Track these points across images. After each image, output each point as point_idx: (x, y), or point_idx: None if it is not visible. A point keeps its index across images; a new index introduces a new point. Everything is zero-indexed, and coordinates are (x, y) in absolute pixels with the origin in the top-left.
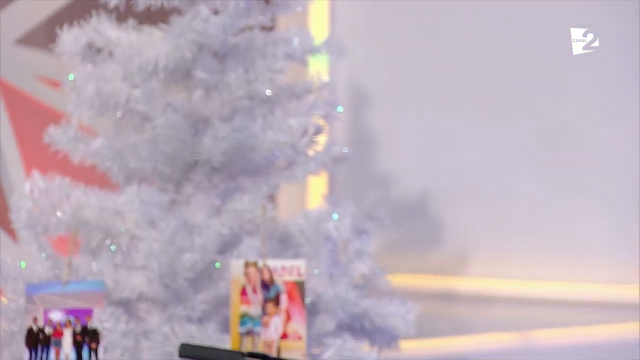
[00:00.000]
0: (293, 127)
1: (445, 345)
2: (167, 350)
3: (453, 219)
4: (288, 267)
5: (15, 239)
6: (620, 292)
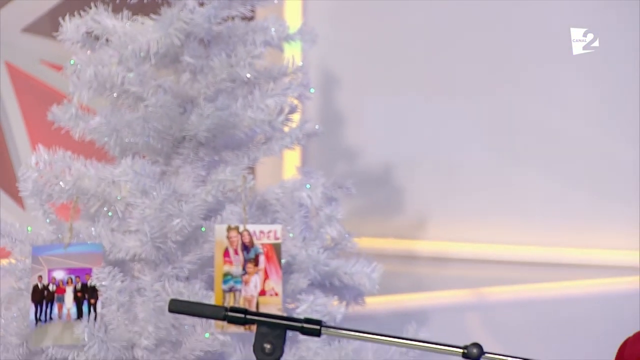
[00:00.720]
0: (270, 106)
1: (405, 300)
2: (158, 305)
3: (412, 188)
4: (266, 231)
5: (23, 206)
6: (560, 253)
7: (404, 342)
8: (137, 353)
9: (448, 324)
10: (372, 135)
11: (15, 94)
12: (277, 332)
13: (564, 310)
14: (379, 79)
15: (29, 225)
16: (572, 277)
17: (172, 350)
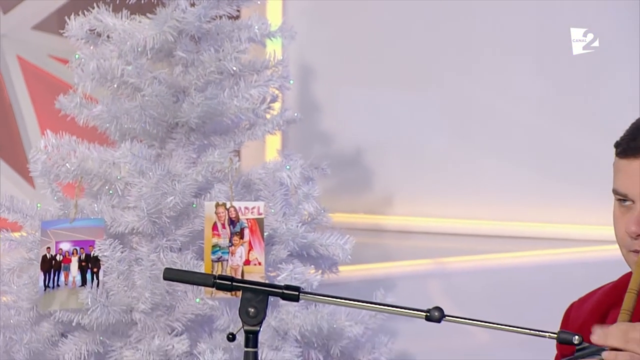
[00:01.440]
0: (254, 96)
1: (374, 269)
2: (154, 274)
3: (380, 169)
4: (250, 208)
5: (33, 185)
6: (512, 227)
7: (373, 306)
8: (135, 316)
9: (412, 290)
10: (345, 122)
11: (26, 85)
12: (260, 298)
13: (516, 278)
14: (351, 72)
15: (38, 202)
16: (523, 248)
17: (167, 314)
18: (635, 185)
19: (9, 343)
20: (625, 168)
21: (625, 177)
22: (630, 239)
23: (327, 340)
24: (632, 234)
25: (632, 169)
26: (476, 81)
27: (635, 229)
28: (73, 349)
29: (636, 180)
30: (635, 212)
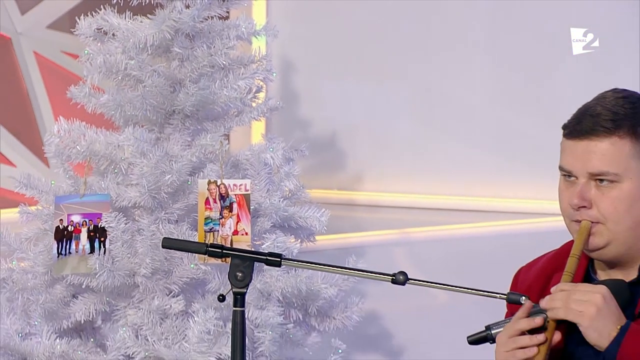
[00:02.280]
0: (241, 86)
1: (347, 238)
2: (154, 242)
3: (353, 151)
4: (238, 185)
5: (48, 165)
6: (470, 201)
7: (346, 270)
8: (137, 279)
9: (380, 257)
10: (321, 109)
11: (41, 77)
12: (247, 263)
13: (472, 246)
14: (327, 66)
15: (52, 179)
16: (477, 220)
17: (165, 278)
18: (578, 163)
19: (27, 303)
20: (570, 148)
21: (570, 156)
22: (572, 210)
23: (306, 301)
24: (574, 205)
25: (576, 149)
26: (437, 73)
27: (577, 202)
28: (83, 308)
29: (579, 159)
30: (578, 187)
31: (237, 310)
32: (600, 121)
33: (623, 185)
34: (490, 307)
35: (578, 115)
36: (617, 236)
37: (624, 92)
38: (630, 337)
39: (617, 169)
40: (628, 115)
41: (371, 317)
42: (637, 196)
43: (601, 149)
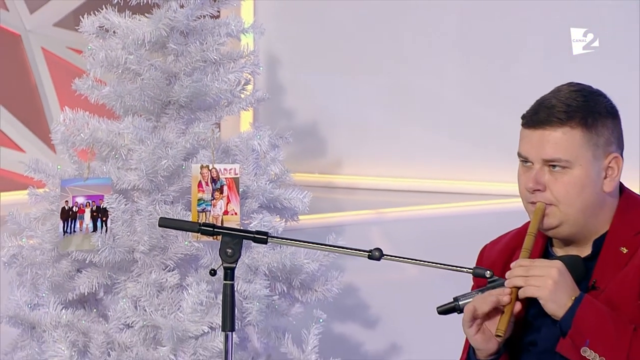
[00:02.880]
0: (231, 79)
1: (327, 218)
2: (151, 222)
3: (333, 138)
4: (228, 169)
5: (54, 151)
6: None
7: (326, 247)
8: (136, 255)
9: (358, 235)
10: (304, 100)
11: (48, 71)
12: (236, 241)
13: (441, 225)
14: (309, 60)
15: (58, 164)
16: (446, 201)
17: (161, 254)
18: (533, 150)
19: (35, 277)
20: (527, 136)
21: (527, 144)
22: (528, 193)
23: (290, 275)
24: (529, 189)
25: (532, 137)
26: (408, 68)
27: (532, 185)
28: (86, 282)
29: (535, 146)
30: (533, 172)
31: (227, 283)
32: (555, 112)
33: (574, 171)
34: (457, 281)
35: (535, 106)
36: (568, 217)
37: (578, 85)
38: (583, 307)
39: (568, 156)
40: (580, 107)
41: (349, 290)
42: (587, 181)
43: (554, 137)
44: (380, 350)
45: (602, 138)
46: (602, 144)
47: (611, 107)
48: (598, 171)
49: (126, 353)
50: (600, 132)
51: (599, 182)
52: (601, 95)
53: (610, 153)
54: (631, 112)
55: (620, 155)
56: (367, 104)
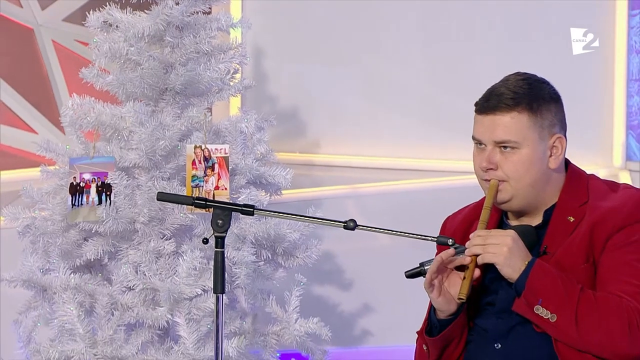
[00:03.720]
0: (221, 69)
1: (307, 192)
2: (150, 196)
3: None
4: (219, 148)
5: (64, 132)
6: (405, 162)
7: (306, 218)
8: (136, 226)
9: (334, 208)
10: (287, 87)
11: (58, 61)
12: (226, 213)
13: (409, 198)
14: (292, 52)
15: (67, 144)
16: (414, 178)
17: (159, 224)
18: (486, 133)
19: (46, 245)
20: (480, 121)
21: (480, 128)
22: (482, 172)
23: (274, 243)
24: (483, 168)
25: (484, 122)
26: (380, 58)
27: (486, 165)
28: (92, 249)
29: (487, 130)
30: (486, 152)
31: (218, 250)
32: (504, 99)
33: (522, 151)
34: (422, 248)
35: (486, 94)
36: (519, 192)
37: (525, 75)
38: (535, 270)
39: (516, 137)
40: (526, 94)
41: (327, 256)
42: (534, 159)
43: (504, 121)
44: (354, 310)
45: (547, 121)
46: (546, 126)
47: (554, 93)
48: (544, 150)
49: (128, 313)
50: (544, 115)
51: (545, 160)
52: (545, 83)
53: (554, 134)
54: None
55: (564, 136)
56: (343, 91)
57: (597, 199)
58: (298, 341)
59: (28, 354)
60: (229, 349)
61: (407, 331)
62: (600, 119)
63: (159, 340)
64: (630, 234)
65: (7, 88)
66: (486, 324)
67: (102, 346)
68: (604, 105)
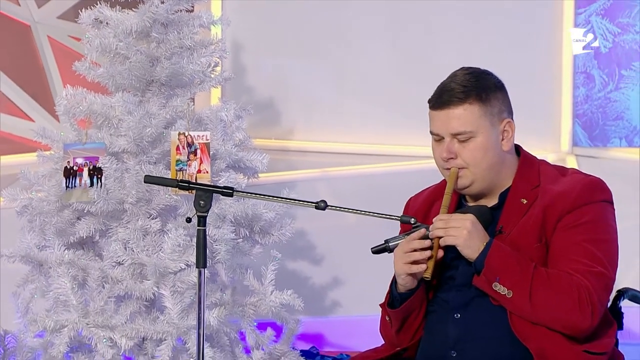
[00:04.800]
0: (203, 62)
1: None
2: (138, 179)
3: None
4: (201, 135)
5: (58, 120)
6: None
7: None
8: (125, 206)
9: (307, 189)
10: (263, 79)
11: (53, 55)
12: (207, 195)
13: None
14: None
15: (61, 131)
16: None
17: (146, 205)
18: (442, 127)
19: (43, 224)
20: (436, 117)
21: (437, 123)
22: (443, 162)
23: (251, 222)
24: (443, 158)
25: (440, 117)
26: (349, 52)
27: (446, 155)
28: (85, 228)
29: (443, 124)
30: (445, 144)
31: (200, 229)
32: (455, 94)
33: (477, 139)
34: (387, 226)
35: (438, 91)
36: (477, 176)
37: (470, 69)
38: (493, 250)
39: (471, 127)
40: (474, 86)
41: (300, 234)
42: (489, 144)
43: (457, 114)
44: (324, 283)
45: (495, 108)
46: (496, 113)
47: (498, 82)
48: (496, 135)
49: (117, 286)
50: (493, 103)
51: (498, 143)
52: (489, 74)
53: (503, 119)
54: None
55: (512, 119)
56: (315, 83)
57: (548, 182)
58: (273, 311)
59: (26, 323)
60: (210, 319)
61: (373, 303)
62: (549, 109)
63: (146, 311)
64: (579, 216)
65: (6, 80)
66: (447, 297)
67: (94, 316)
68: (552, 96)
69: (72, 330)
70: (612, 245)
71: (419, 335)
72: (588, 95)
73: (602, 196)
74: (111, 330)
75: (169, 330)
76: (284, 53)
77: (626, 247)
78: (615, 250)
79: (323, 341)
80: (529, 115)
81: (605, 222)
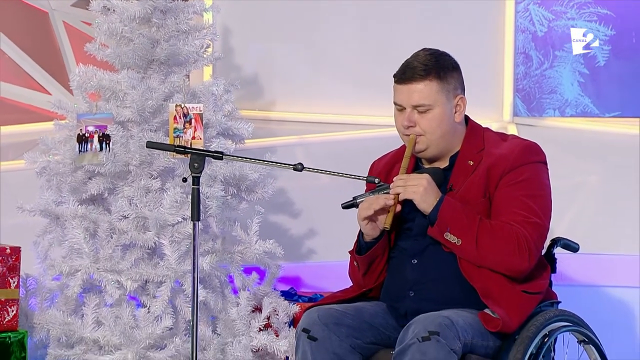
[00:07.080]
0: (197, 44)
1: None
2: (141, 144)
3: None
4: (195, 107)
5: (72, 94)
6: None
7: (264, 162)
8: (130, 168)
9: (286, 153)
10: (249, 59)
11: (68, 38)
12: (201, 158)
13: (345, 147)
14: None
15: (75, 103)
16: (350, 130)
17: (148, 166)
18: (405, 99)
19: (59, 183)
20: (399, 89)
21: (400, 95)
22: (404, 129)
23: (239, 181)
24: (404, 126)
25: (403, 90)
26: (322, 35)
27: (406, 123)
28: (95, 186)
29: (405, 96)
30: (406, 114)
31: (195, 187)
32: (417, 71)
33: (434, 111)
34: (354, 186)
35: (402, 68)
36: (432, 143)
37: (430, 50)
38: (445, 205)
39: (429, 101)
40: (434, 65)
41: (280, 192)
42: (444, 116)
43: (418, 89)
44: (302, 233)
45: (451, 85)
46: (451, 89)
47: (455, 63)
48: (450, 108)
49: (124, 236)
50: (449, 81)
51: (452, 116)
52: (446, 55)
53: (457, 95)
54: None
55: (464, 95)
56: (294, 62)
57: (491, 146)
58: (257, 258)
59: (45, 268)
60: (203, 264)
61: (343, 250)
62: (494, 83)
63: (148, 257)
64: (518, 175)
65: (27, 59)
66: (405, 245)
67: (103, 262)
68: (496, 73)
69: (84, 274)
70: (546, 199)
71: (382, 277)
72: (527, 72)
73: (538, 157)
74: (118, 274)
75: (167, 274)
76: (267, 36)
77: (559, 202)
78: (549, 204)
79: (300, 283)
80: (477, 89)
81: (540, 180)
